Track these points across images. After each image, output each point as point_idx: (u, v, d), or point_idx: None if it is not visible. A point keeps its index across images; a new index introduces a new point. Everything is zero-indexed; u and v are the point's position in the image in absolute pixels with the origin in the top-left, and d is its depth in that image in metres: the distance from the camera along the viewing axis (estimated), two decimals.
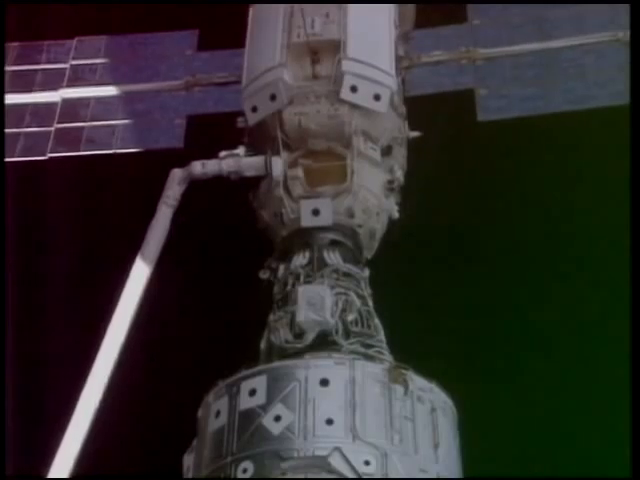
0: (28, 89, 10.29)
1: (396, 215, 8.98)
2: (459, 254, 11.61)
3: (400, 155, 9.22)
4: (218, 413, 6.98)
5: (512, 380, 10.80)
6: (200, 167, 8.41)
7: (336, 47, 8.78)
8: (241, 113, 9.06)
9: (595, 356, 10.83)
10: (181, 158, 8.74)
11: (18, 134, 10.00)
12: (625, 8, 9.05)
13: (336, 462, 6.44)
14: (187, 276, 11.28)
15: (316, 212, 8.21)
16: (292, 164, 8.59)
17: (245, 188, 8.91)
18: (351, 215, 8.48)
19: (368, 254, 8.75)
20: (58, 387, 9.95)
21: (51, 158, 9.90)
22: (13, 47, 10.60)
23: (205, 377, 7.37)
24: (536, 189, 11.90)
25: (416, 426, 6.81)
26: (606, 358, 10.64)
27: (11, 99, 10.19)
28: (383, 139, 8.98)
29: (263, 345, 7.76)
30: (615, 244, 10.40)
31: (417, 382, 7.02)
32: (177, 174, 8.44)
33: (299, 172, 8.53)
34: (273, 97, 8.69)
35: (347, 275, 8.03)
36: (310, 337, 7.36)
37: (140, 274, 8.16)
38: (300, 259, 8.16)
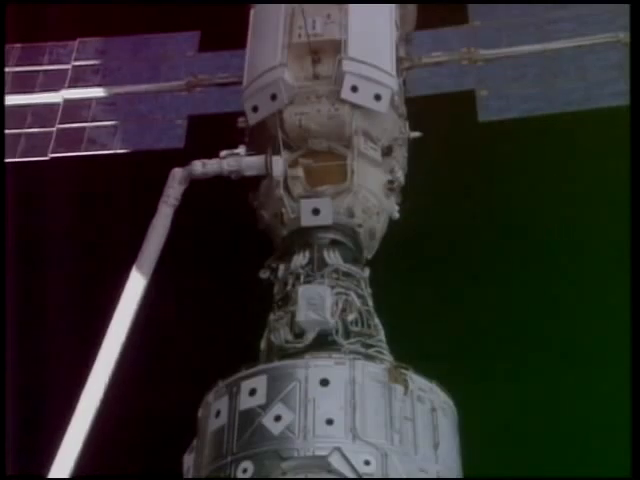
0: (30, 90, 10.31)
1: (396, 215, 8.97)
2: (459, 254, 11.62)
3: (401, 155, 9.22)
4: (218, 413, 6.96)
5: (512, 380, 10.80)
6: (201, 166, 8.39)
7: (337, 47, 8.79)
8: (242, 113, 9.07)
9: (595, 356, 10.84)
10: (182, 158, 8.74)
11: (19, 135, 10.01)
12: (625, 8, 9.07)
13: (336, 462, 6.42)
14: (187, 276, 11.30)
15: (316, 211, 8.20)
16: (292, 164, 8.59)
17: (245, 188, 8.92)
18: (351, 215, 8.48)
19: (368, 254, 8.74)
20: (58, 387, 9.96)
21: (52, 158, 9.91)
22: (15, 48, 10.62)
23: (205, 377, 7.36)
24: (536, 189, 11.92)
25: (416, 426, 6.79)
26: (606, 358, 10.65)
27: (13, 100, 10.20)
28: (384, 139, 8.98)
29: (263, 345, 7.75)
30: (616, 244, 10.40)
31: (417, 382, 7.00)
32: (178, 173, 8.41)
33: (299, 172, 8.53)
34: (274, 97, 8.69)
35: (347, 275, 8.02)
36: (310, 337, 7.34)
37: (140, 274, 8.15)
38: (300, 259, 8.15)
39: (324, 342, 7.35)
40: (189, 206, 8.41)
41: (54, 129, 10.01)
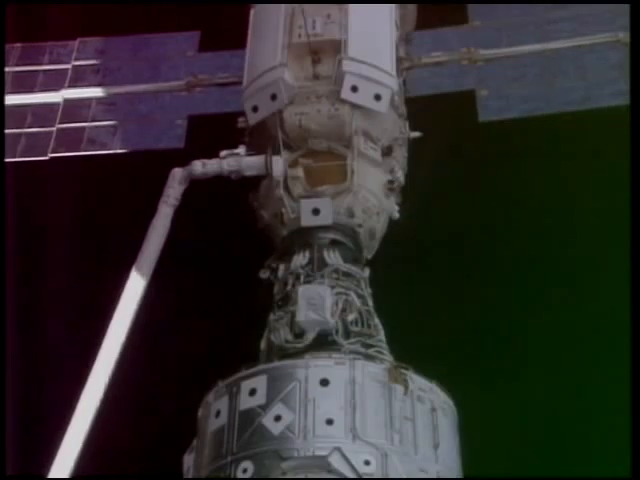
0: (30, 90, 10.32)
1: (396, 215, 8.97)
2: (459, 254, 11.62)
3: (401, 155, 9.23)
4: (218, 413, 6.96)
5: (512, 380, 10.80)
6: (200, 166, 8.38)
7: (337, 47, 8.79)
8: (242, 113, 9.07)
9: (595, 356, 10.84)
10: (182, 158, 8.73)
11: (19, 134, 10.02)
12: (625, 8, 9.07)
13: (336, 462, 6.42)
14: (187, 276, 11.30)
15: (316, 211, 8.20)
16: (292, 164, 8.59)
17: (245, 188, 8.92)
18: (351, 215, 8.48)
19: (368, 254, 8.73)
20: (58, 387, 9.97)
21: (52, 158, 9.91)
22: (16, 48, 10.64)
23: (205, 377, 7.36)
24: (537, 189, 11.92)
25: (416, 426, 6.79)
26: (606, 358, 10.64)
27: (13, 99, 10.21)
28: (384, 139, 8.98)
29: (263, 345, 7.75)
30: (616, 245, 10.40)
31: (417, 382, 7.00)
32: (178, 173, 8.40)
33: (299, 172, 8.53)
34: (274, 97, 8.69)
35: (347, 275, 8.02)
36: (310, 337, 7.33)
37: (140, 274, 8.14)
38: (300, 259, 8.14)
39: (324, 342, 7.35)
40: (189, 206, 8.40)
41: (54, 129, 10.01)
